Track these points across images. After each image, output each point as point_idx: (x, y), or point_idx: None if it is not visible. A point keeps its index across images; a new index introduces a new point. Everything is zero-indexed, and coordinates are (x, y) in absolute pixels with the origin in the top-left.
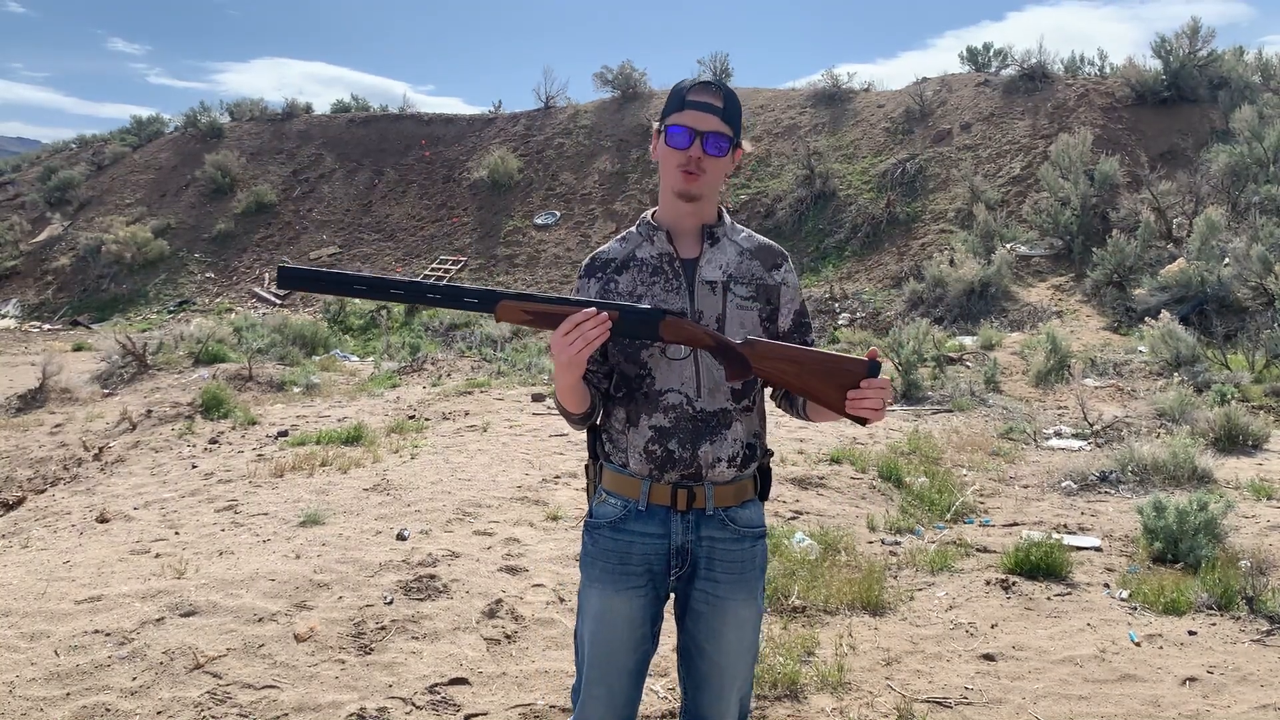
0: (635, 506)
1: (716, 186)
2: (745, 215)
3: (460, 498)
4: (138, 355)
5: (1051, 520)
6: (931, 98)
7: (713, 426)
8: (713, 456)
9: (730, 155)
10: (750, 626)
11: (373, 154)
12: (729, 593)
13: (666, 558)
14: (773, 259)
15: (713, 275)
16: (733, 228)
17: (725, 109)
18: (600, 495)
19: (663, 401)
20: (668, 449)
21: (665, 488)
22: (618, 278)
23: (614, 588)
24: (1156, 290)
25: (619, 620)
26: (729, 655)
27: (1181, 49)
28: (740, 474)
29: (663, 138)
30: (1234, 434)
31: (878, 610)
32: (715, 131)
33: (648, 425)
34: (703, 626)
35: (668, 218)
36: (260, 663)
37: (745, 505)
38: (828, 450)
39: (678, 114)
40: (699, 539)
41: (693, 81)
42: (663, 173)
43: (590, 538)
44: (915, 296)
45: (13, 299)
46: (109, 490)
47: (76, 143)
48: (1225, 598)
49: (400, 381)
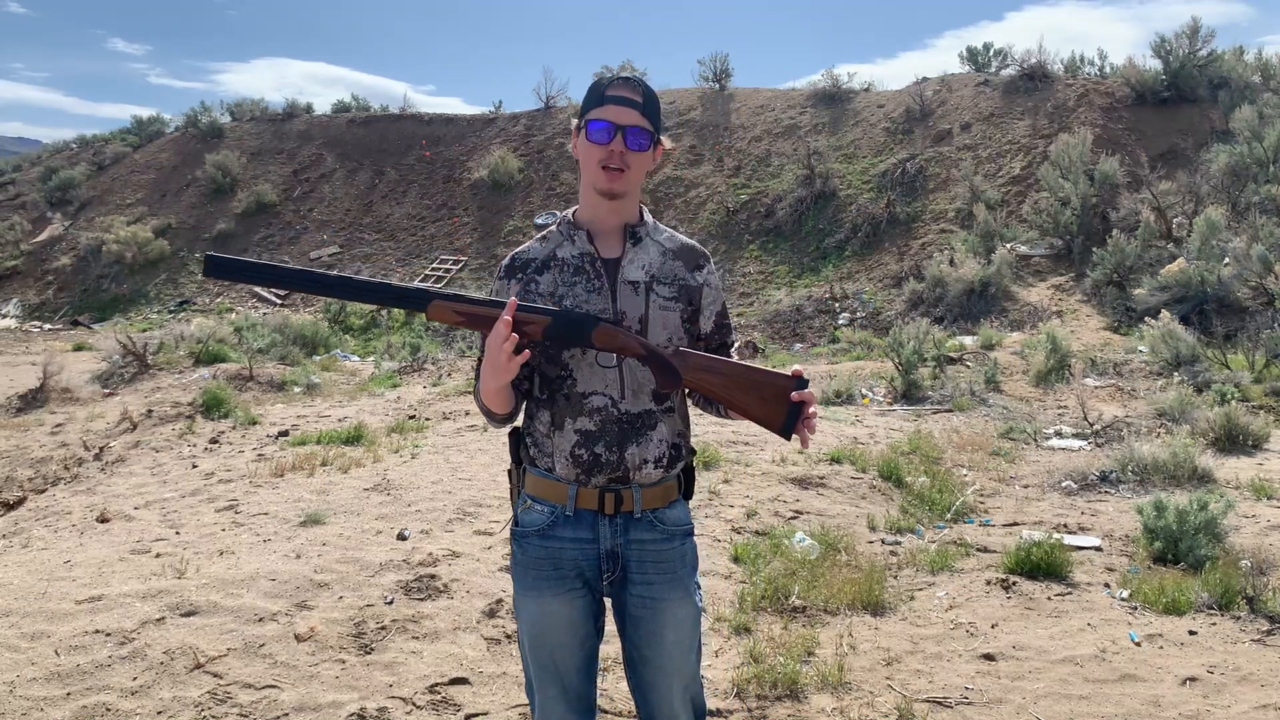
0: (563, 512)
1: (638, 184)
2: (745, 215)
3: (461, 497)
4: (138, 355)
5: (1052, 520)
6: (931, 98)
7: (638, 428)
8: (640, 458)
9: (651, 151)
10: (689, 625)
11: (373, 154)
12: (664, 593)
13: (597, 562)
14: (695, 260)
15: (635, 275)
16: (655, 227)
17: (645, 104)
18: (525, 501)
19: (587, 404)
20: (594, 453)
21: (593, 492)
22: (538, 278)
23: (550, 593)
24: (1156, 290)
25: (560, 623)
26: (670, 657)
27: (1181, 49)
28: (666, 475)
29: (583, 134)
30: (1234, 434)
31: (878, 610)
32: (636, 125)
33: (573, 429)
34: (642, 631)
35: (588, 217)
36: (261, 662)
37: (672, 505)
38: (828, 450)
39: (598, 109)
40: (628, 542)
41: (612, 76)
42: (584, 170)
43: (519, 546)
44: (915, 296)
45: (13, 299)
46: (109, 490)
47: (77, 143)
48: (1225, 597)
49: (401, 381)
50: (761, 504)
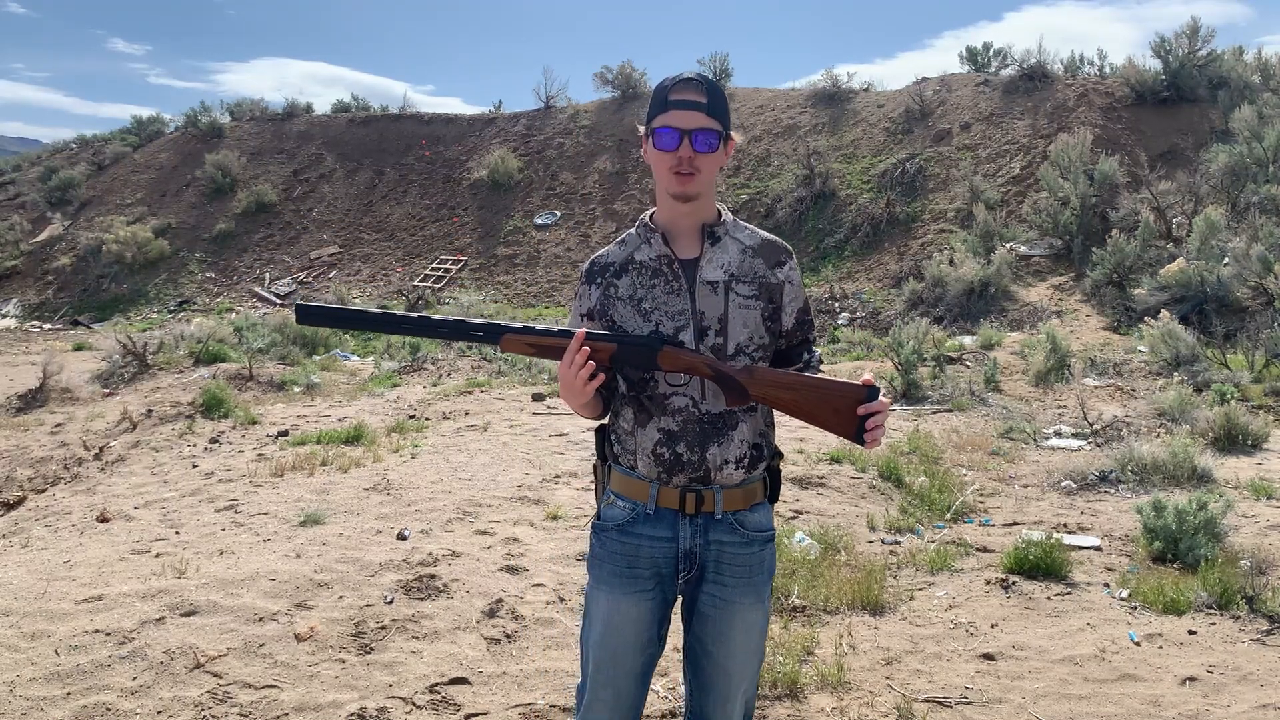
0: (644, 509)
1: (712, 183)
2: (745, 215)
3: (460, 497)
4: (138, 355)
5: (1051, 520)
6: (931, 97)
7: (719, 428)
8: (720, 459)
9: (722, 148)
10: (757, 630)
11: (373, 154)
12: (737, 596)
13: (674, 561)
14: (776, 256)
15: (714, 275)
16: (735, 225)
17: (710, 103)
18: (608, 497)
19: (669, 404)
20: (676, 452)
21: (674, 491)
22: (617, 281)
23: (622, 590)
24: (1156, 290)
25: (626, 623)
26: (735, 659)
27: (1181, 49)
28: (749, 476)
29: (651, 140)
30: (1233, 434)
31: (878, 610)
32: (702, 128)
33: (656, 428)
34: (710, 629)
35: (665, 218)
36: (260, 662)
37: (754, 509)
38: (828, 450)
39: (663, 115)
40: (707, 543)
41: (674, 80)
42: (656, 175)
43: (598, 540)
44: (915, 296)
45: (13, 299)
46: (109, 490)
47: (77, 143)
48: (1225, 597)
49: (400, 381)
50: None
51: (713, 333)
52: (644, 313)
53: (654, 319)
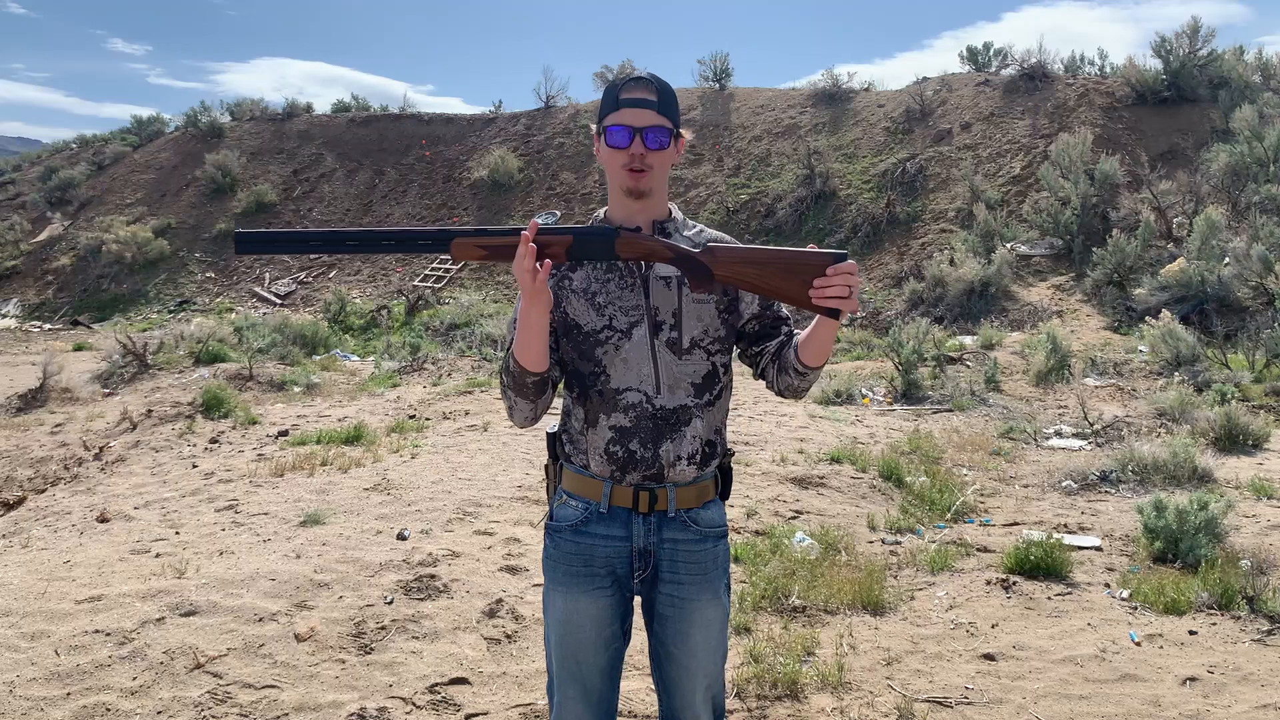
0: (597, 509)
1: (664, 180)
2: (746, 215)
3: (461, 497)
4: (138, 355)
5: (1052, 520)
6: (931, 97)
7: (673, 424)
8: (674, 454)
9: (673, 146)
10: (716, 626)
11: (373, 154)
12: (693, 594)
13: (629, 560)
14: None
15: (667, 271)
16: (684, 223)
17: (660, 101)
18: (561, 497)
19: (621, 400)
20: (629, 449)
21: (627, 490)
22: (571, 275)
23: (580, 589)
24: (1156, 290)
25: (586, 621)
26: (697, 657)
27: (1181, 49)
28: (701, 473)
29: (603, 139)
30: (1234, 433)
31: (878, 610)
32: (653, 126)
33: (607, 425)
34: (669, 630)
35: (619, 216)
36: (260, 662)
37: (707, 506)
38: (828, 450)
39: (614, 113)
40: (661, 541)
41: (625, 78)
42: (609, 173)
43: (552, 540)
44: (915, 296)
45: (13, 299)
46: (109, 490)
47: (77, 142)
48: (1226, 597)
49: (400, 381)
50: (761, 504)
51: (667, 327)
52: (598, 307)
53: (608, 314)
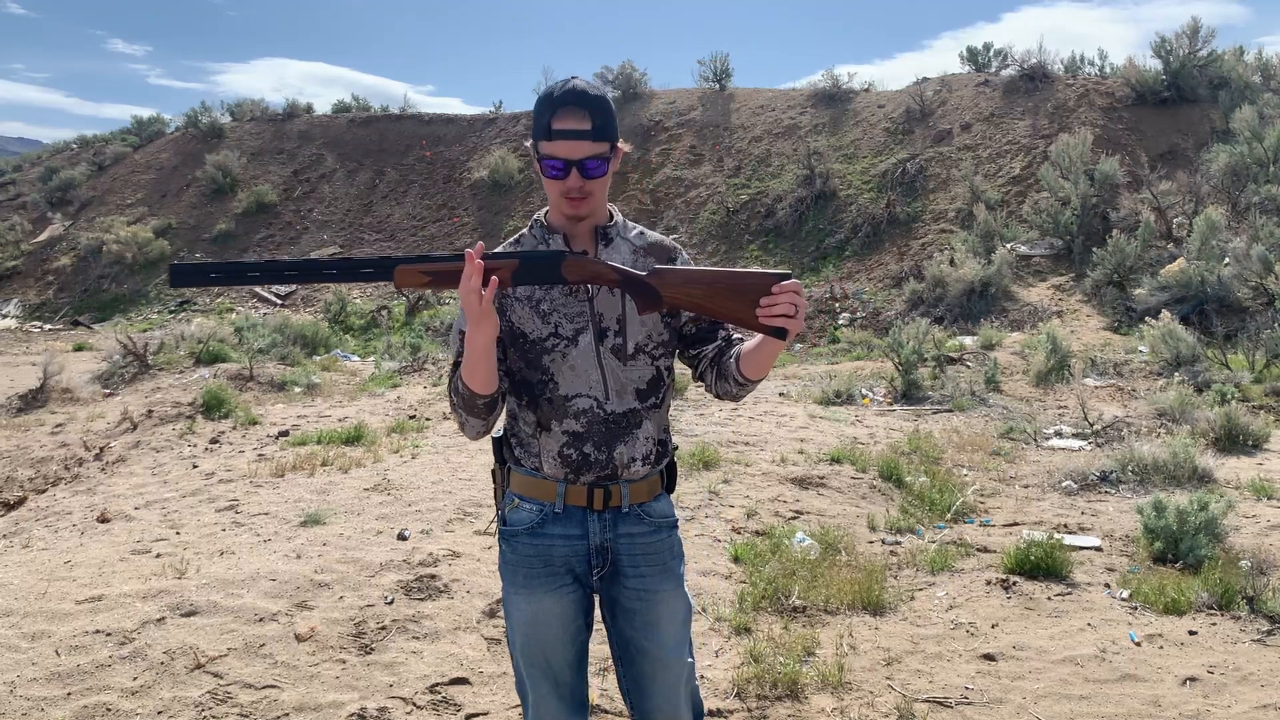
0: (552, 509)
1: (604, 195)
2: (745, 215)
3: (461, 497)
4: (139, 355)
5: (1052, 520)
6: (931, 98)
7: (625, 427)
8: (628, 456)
9: (612, 162)
10: (683, 619)
11: (373, 154)
12: (657, 585)
13: (587, 558)
14: (666, 254)
15: None
16: (625, 225)
17: (595, 127)
18: (512, 501)
19: (571, 407)
20: (583, 452)
21: (581, 489)
22: None
23: (542, 590)
24: (1156, 290)
25: (553, 620)
26: (669, 649)
27: (1181, 49)
28: (652, 470)
29: (539, 163)
30: (1234, 434)
31: (878, 610)
32: (590, 157)
33: (560, 430)
34: (639, 623)
35: (559, 221)
36: (261, 662)
37: (657, 499)
38: (828, 450)
39: (548, 143)
40: (618, 536)
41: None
42: (547, 190)
43: (509, 545)
44: (915, 296)
45: (14, 299)
46: (110, 490)
47: (77, 143)
48: (1226, 597)
49: (401, 381)
50: (761, 504)
51: (612, 333)
52: (542, 314)
53: (553, 320)
